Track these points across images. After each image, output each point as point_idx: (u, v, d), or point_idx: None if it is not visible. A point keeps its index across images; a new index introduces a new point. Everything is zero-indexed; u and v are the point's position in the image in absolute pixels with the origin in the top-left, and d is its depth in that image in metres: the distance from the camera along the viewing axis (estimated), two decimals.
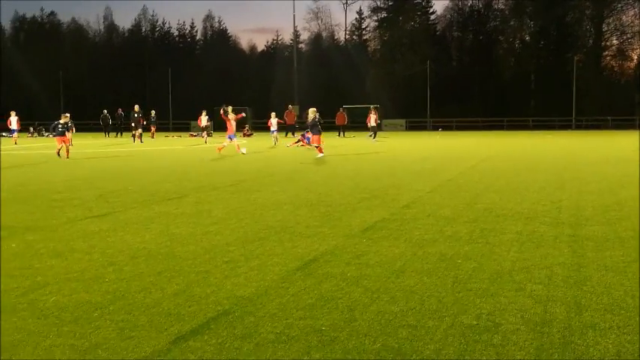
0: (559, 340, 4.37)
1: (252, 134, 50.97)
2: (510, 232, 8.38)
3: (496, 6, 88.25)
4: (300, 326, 4.71)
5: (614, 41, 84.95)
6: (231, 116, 26.12)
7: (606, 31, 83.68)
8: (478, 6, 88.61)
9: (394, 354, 4.17)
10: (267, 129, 36.96)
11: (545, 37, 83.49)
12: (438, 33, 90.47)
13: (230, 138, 26.03)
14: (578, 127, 66.50)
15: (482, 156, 24.17)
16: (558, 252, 7.12)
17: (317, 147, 23.51)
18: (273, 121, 35.06)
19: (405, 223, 9.06)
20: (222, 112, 29.04)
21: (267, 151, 28.90)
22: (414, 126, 69.80)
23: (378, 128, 44.36)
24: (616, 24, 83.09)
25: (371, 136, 39.84)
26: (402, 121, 69.97)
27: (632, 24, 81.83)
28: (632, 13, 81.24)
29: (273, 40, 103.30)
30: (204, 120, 38.63)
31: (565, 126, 67.32)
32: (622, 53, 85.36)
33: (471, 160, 22.03)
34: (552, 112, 69.93)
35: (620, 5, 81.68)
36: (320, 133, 23.97)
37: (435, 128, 66.16)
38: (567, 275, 6.10)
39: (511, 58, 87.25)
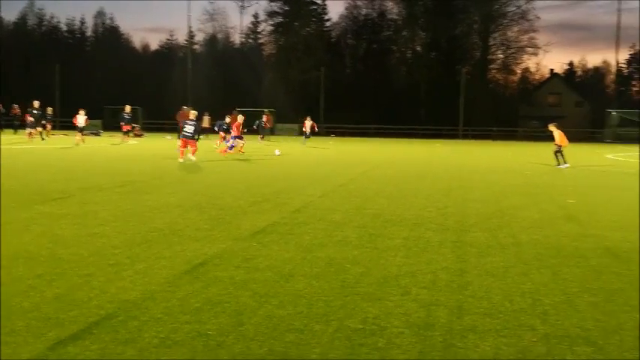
0: (441, 343, 4.49)
1: (142, 135, 49.86)
2: (398, 237, 8.56)
3: (390, 16, 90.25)
4: (186, 330, 4.64)
5: (500, 55, 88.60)
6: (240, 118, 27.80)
7: (493, 45, 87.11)
8: (372, 15, 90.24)
9: (280, 358, 4.17)
10: (160, 129, 36.21)
11: (435, 48, 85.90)
12: (332, 40, 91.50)
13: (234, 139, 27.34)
14: (465, 137, 68.71)
15: (374, 162, 24.60)
16: (443, 257, 7.33)
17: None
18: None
19: (296, 228, 9.09)
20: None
21: (164, 153, 28.34)
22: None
23: (269, 132, 44.60)
24: (502, 39, 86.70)
25: (306, 138, 40.64)
26: (297, 126, 70.29)
27: (516, 39, 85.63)
28: (516, 29, 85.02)
29: (167, 39, 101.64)
30: (81, 119, 36.87)
31: (453, 135, 69.43)
32: (507, 67, 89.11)
33: (362, 166, 22.39)
34: (441, 121, 72.02)
35: (505, 21, 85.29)
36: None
37: (327, 134, 66.81)
38: (450, 280, 6.28)
39: (403, 67, 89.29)
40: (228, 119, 31.72)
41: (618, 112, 70.66)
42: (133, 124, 40.50)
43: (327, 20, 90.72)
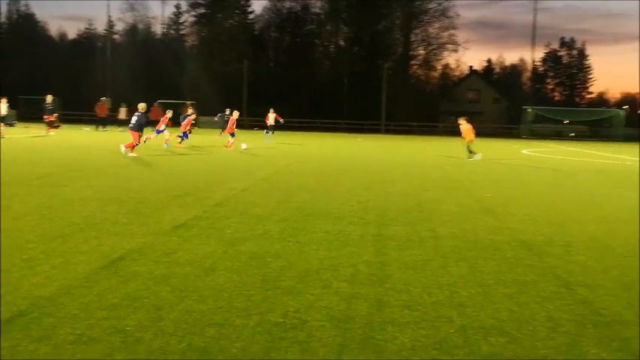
0: (360, 335, 4.54)
1: (59, 126, 48.43)
2: (320, 230, 8.60)
3: (313, 10, 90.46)
4: (103, 327, 4.54)
5: (421, 51, 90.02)
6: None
7: (414, 41, 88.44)
8: (296, 8, 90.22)
9: (200, 353, 4.14)
10: (77, 121, 35.23)
11: (358, 43, 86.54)
12: (256, 33, 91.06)
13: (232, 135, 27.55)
14: (387, 132, 69.53)
15: (296, 156, 24.63)
16: (364, 251, 7.40)
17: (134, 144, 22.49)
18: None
19: (217, 222, 9.02)
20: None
21: (84, 144, 27.63)
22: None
23: (195, 125, 43.87)
24: (423, 35, 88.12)
25: (267, 133, 39.44)
26: (220, 118, 69.60)
27: (437, 36, 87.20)
28: (437, 25, 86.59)
29: (86, 29, 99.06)
30: (3, 108, 35.43)
31: (375, 130, 70.18)
32: (428, 63, 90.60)
33: (285, 159, 22.38)
34: (364, 115, 72.68)
35: (426, 18, 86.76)
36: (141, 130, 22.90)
37: (251, 127, 66.50)
38: (371, 273, 6.35)
39: (326, 61, 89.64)
40: (190, 111, 31.06)
41: (534, 108, 72.91)
42: (54, 115, 39.21)
43: (251, 13, 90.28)
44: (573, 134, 73.39)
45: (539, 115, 72.94)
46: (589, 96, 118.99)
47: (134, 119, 22.46)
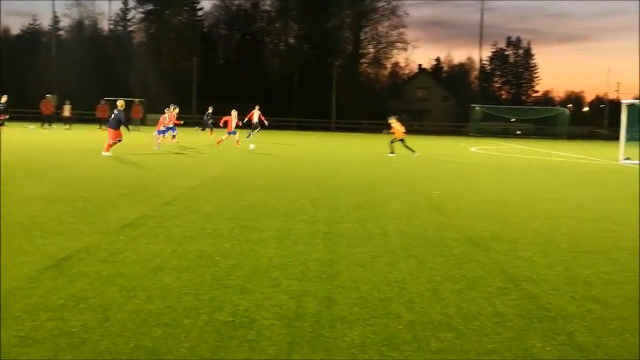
0: (310, 333, 4.54)
1: (2, 123, 47.26)
2: (270, 229, 8.57)
3: (263, 7, 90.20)
4: (48, 328, 4.45)
5: (371, 50, 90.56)
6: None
7: (364, 39, 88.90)
8: (245, 6, 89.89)
9: (147, 354, 4.08)
10: (22, 119, 34.45)
11: (308, 41, 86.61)
12: (205, 30, 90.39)
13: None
14: (338, 129, 69.80)
15: (246, 154, 24.50)
16: (313, 248, 7.41)
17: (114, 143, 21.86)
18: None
19: (166, 220, 8.93)
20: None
21: (26, 143, 27.04)
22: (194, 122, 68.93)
23: (139, 122, 43.42)
24: (372, 33, 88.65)
25: (252, 134, 37.80)
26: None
27: (386, 34, 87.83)
28: (387, 24, 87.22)
29: (30, 24, 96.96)
30: None
31: (326, 127, 70.40)
32: (377, 61, 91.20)
33: (235, 157, 22.25)
34: (314, 113, 72.77)
35: (376, 16, 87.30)
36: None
37: (200, 125, 65.97)
38: (321, 271, 6.36)
39: (276, 59, 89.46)
40: (167, 113, 30.31)
41: (481, 106, 73.96)
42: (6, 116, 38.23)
43: (200, 10, 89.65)
44: (520, 132, 74.75)
45: (487, 113, 74.07)
46: (535, 95, 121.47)
47: (112, 116, 21.93)
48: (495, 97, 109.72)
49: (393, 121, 26.86)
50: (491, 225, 9.51)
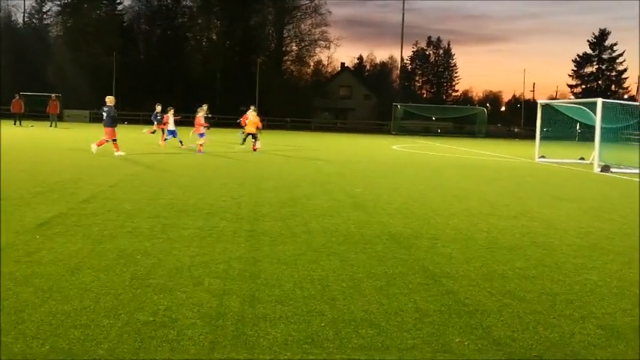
0: (232, 332, 4.51)
1: None
2: (192, 227, 8.48)
3: (184, 2, 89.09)
4: None
5: (294, 47, 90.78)
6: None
7: (287, 36, 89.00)
8: (166, 1, 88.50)
9: (64, 355, 3.97)
10: None
11: (230, 37, 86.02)
12: (125, 24, 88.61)
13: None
14: (262, 127, 69.48)
15: (169, 151, 24.16)
16: (236, 247, 7.36)
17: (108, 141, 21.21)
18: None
19: (84, 219, 8.71)
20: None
21: None
22: (99, 118, 67.15)
23: (57, 118, 42.27)
24: (295, 31, 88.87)
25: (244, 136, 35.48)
26: (87, 113, 67.31)
27: (309, 32, 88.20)
28: (309, 22, 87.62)
29: None
30: None
31: None
32: (301, 59, 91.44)
33: (157, 154, 21.92)
34: (237, 111, 72.27)
35: (299, 14, 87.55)
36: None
37: (121, 121, 64.76)
38: (244, 269, 6.32)
39: (199, 55, 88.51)
40: (159, 108, 29.27)
41: (403, 105, 75.00)
42: None
43: (119, 4, 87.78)
44: (440, 130, 76.19)
45: (408, 111, 75.18)
46: (455, 94, 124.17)
47: (104, 115, 21.23)
48: (416, 95, 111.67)
49: (252, 114, 27.40)
50: (412, 222, 9.65)
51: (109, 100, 21.62)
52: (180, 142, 26.20)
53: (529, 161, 27.64)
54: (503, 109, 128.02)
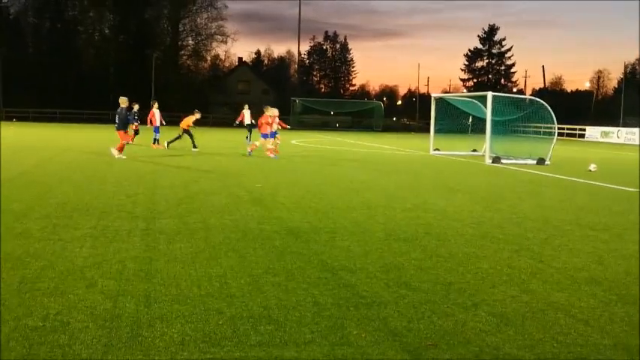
0: (127, 334, 4.40)
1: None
2: (84, 227, 8.23)
3: None
4: None
5: (190, 42, 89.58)
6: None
7: (183, 31, 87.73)
8: None
9: None
10: None
11: (124, 31, 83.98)
12: (11, 17, 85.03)
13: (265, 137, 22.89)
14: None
15: (60, 148, 23.42)
16: (131, 246, 7.19)
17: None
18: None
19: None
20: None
21: None
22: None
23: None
24: (191, 25, 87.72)
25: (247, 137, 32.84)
26: None
27: (205, 26, 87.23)
28: (205, 16, 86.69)
29: None
30: None
31: (145, 120, 68.59)
32: (197, 53, 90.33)
33: (46, 152, 21.18)
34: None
35: (195, 8, 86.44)
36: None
37: (8, 118, 62.20)
38: (139, 269, 6.18)
39: (91, 49, 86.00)
40: (136, 107, 27.40)
41: (301, 100, 75.33)
42: None
43: None
44: (338, 125, 76.96)
45: (307, 106, 75.57)
46: (352, 88, 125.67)
47: (117, 118, 20.13)
48: (315, 90, 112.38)
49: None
50: (310, 216, 9.70)
51: (122, 101, 20.56)
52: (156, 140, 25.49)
53: (424, 154, 28.29)
54: (399, 103, 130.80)
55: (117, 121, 20.34)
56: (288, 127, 27.84)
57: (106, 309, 4.93)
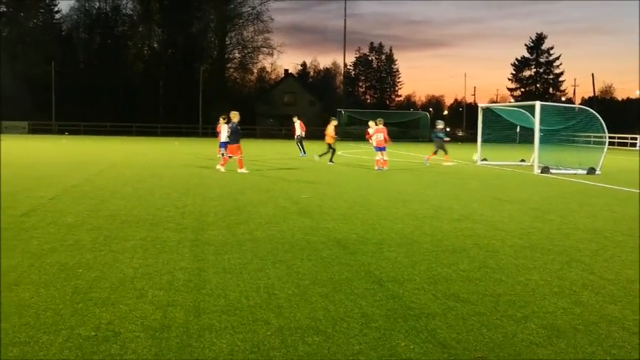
0: (177, 344, 4.45)
1: None
2: (134, 238, 8.36)
3: (124, 11, 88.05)
4: None
5: (237, 54, 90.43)
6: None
7: (229, 44, 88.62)
8: (105, 9, 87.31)
9: None
10: None
11: (172, 45, 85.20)
12: (64, 33, 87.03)
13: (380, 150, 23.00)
14: (205, 135, 69.08)
15: (110, 162, 23.83)
16: (180, 257, 7.28)
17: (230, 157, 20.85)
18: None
19: (23, 232, 8.51)
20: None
21: None
22: (39, 129, 65.85)
23: None
24: (238, 38, 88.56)
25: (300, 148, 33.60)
26: (25, 124, 65.88)
27: (252, 39, 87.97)
28: (252, 29, 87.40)
29: None
30: None
31: (193, 133, 69.50)
32: (244, 66, 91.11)
33: (97, 165, 21.58)
34: (181, 119, 71.74)
35: (241, 21, 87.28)
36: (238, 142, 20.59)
37: (61, 132, 63.60)
38: (188, 279, 6.25)
39: (140, 64, 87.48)
40: (222, 121, 27.69)
41: (347, 111, 75.40)
42: None
43: (57, 12, 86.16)
44: None
45: (352, 117, 75.59)
46: (398, 99, 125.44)
47: (229, 132, 20.71)
48: (360, 101, 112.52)
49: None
50: (357, 227, 9.69)
51: (233, 115, 20.90)
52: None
53: (471, 164, 28.03)
54: (445, 113, 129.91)
55: (230, 137, 20.60)
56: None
57: (156, 319, 4.99)
